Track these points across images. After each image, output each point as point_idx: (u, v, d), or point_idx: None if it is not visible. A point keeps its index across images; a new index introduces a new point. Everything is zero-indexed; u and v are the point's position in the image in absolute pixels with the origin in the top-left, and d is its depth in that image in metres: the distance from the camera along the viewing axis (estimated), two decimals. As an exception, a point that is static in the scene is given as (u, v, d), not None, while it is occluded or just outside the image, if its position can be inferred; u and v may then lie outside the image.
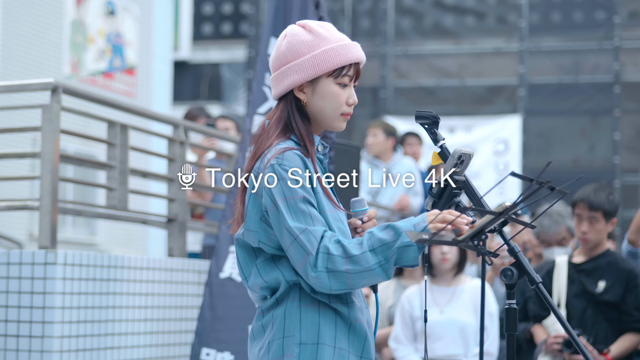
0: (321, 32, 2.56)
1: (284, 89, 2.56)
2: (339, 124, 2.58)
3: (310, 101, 2.56)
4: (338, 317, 2.48)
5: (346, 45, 2.56)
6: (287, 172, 2.44)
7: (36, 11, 12.98)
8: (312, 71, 2.53)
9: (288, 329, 2.46)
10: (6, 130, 6.07)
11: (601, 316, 4.65)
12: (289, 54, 2.56)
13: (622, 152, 13.53)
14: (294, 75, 2.54)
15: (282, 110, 2.57)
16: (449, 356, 4.90)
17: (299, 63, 2.54)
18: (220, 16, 19.60)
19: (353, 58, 2.55)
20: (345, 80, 2.55)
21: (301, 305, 2.47)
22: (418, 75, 14.74)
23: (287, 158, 2.45)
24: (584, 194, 4.70)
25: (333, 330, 2.47)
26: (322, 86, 2.54)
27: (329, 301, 2.47)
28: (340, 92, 2.55)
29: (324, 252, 2.40)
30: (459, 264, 5.07)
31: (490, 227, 2.55)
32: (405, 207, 7.97)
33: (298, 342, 2.45)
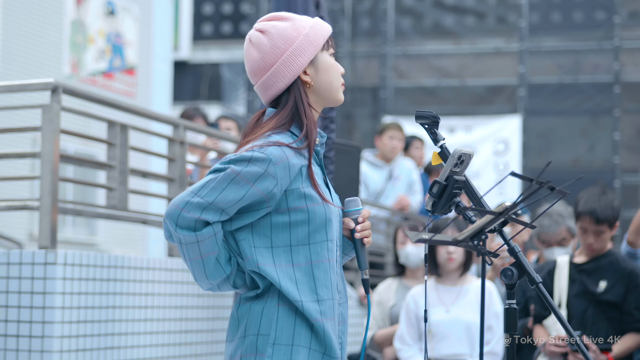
0: (292, 16, 2.59)
1: (291, 78, 2.51)
2: (341, 95, 2.60)
3: (316, 80, 2.55)
4: (313, 318, 2.46)
5: (317, 19, 2.61)
6: (259, 160, 2.40)
7: (36, 11, 12.98)
8: (313, 48, 2.53)
9: (263, 327, 2.44)
10: (6, 130, 6.06)
11: (602, 316, 4.65)
12: (278, 46, 2.52)
13: (622, 152, 13.54)
14: (297, 60, 2.52)
15: (291, 100, 2.52)
16: (454, 355, 4.90)
17: (297, 46, 2.52)
18: (220, 16, 19.60)
19: (330, 29, 2.61)
20: (332, 50, 2.60)
21: (279, 305, 2.45)
22: (418, 75, 14.74)
23: (270, 151, 2.42)
24: (589, 206, 4.61)
25: (309, 332, 2.45)
26: (321, 61, 2.55)
27: (302, 299, 2.44)
28: (335, 62, 2.59)
29: (179, 221, 2.39)
30: (465, 263, 5.07)
31: (490, 227, 2.55)
32: (405, 207, 7.98)
33: (272, 342, 2.43)
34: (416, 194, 8.16)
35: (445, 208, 2.64)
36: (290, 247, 2.46)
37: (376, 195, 8.07)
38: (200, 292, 5.37)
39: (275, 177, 2.41)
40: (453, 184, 2.62)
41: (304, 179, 2.47)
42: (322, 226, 2.48)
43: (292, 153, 2.44)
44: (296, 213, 2.45)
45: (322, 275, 2.47)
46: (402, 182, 8.15)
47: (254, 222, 2.45)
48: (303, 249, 2.46)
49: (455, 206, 2.63)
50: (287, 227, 2.45)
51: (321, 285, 2.47)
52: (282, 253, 2.45)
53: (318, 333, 2.45)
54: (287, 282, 2.44)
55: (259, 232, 2.46)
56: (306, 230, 2.46)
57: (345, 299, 2.59)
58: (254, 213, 2.44)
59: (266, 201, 2.42)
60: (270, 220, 2.45)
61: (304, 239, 2.46)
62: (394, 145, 8.05)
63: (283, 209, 2.45)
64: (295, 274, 2.45)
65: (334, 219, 2.51)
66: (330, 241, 2.50)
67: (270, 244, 2.46)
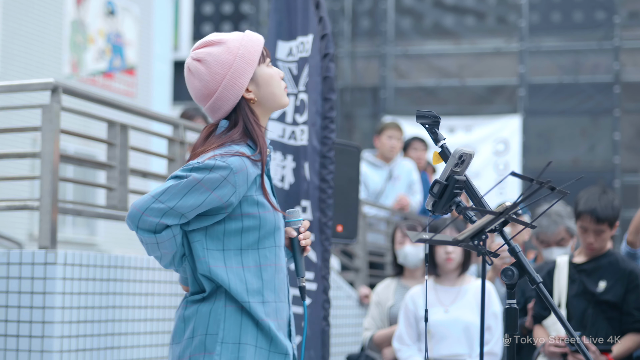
0: (225, 38, 2.67)
1: (235, 99, 2.64)
2: (286, 99, 2.73)
3: (259, 94, 2.68)
4: (259, 317, 2.56)
5: (248, 33, 2.72)
6: (220, 168, 2.52)
7: (36, 11, 12.98)
8: (250, 67, 2.65)
9: (211, 327, 2.55)
10: (6, 130, 6.06)
11: (601, 316, 4.65)
12: (218, 70, 2.63)
13: (622, 152, 13.53)
14: (238, 82, 2.63)
15: (240, 120, 2.65)
16: (453, 356, 4.90)
17: (235, 69, 2.64)
18: (220, 16, 19.60)
19: (262, 40, 2.72)
20: (268, 61, 2.71)
21: (227, 305, 2.56)
22: (418, 75, 14.74)
23: (231, 161, 2.54)
24: (589, 205, 4.61)
25: (255, 331, 2.56)
26: (260, 76, 2.68)
27: (249, 300, 2.56)
28: (273, 72, 2.71)
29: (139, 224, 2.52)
30: (463, 263, 5.07)
31: (491, 227, 2.55)
32: (405, 207, 7.98)
33: (220, 341, 2.54)
34: (416, 194, 8.17)
35: (445, 208, 2.64)
36: (241, 251, 2.59)
37: (376, 195, 8.07)
38: (200, 292, 5.37)
39: (234, 185, 2.54)
40: (454, 183, 2.62)
41: (257, 188, 2.60)
42: (271, 232, 2.61)
43: (250, 163, 2.58)
44: (248, 219, 2.58)
45: (269, 278, 2.60)
46: (402, 182, 8.15)
47: (208, 225, 2.58)
48: (252, 253, 2.59)
49: (456, 206, 2.63)
50: (239, 232, 2.59)
51: (267, 288, 2.59)
52: (232, 255, 2.58)
53: (264, 331, 2.57)
54: (237, 282, 2.56)
55: (212, 235, 2.59)
56: (256, 236, 2.59)
57: (289, 300, 2.71)
58: (211, 217, 2.57)
59: (224, 207, 2.56)
60: (224, 224, 2.58)
61: (254, 244, 2.59)
62: (392, 144, 8.05)
63: (237, 214, 2.58)
64: (245, 275, 2.57)
65: (280, 226, 2.65)
66: (278, 247, 2.64)
67: (222, 246, 2.58)
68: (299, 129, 4.90)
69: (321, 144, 4.85)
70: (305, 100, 4.87)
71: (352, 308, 7.23)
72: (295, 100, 4.94)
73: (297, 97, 4.94)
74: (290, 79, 4.96)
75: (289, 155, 4.91)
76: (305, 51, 4.91)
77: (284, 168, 4.91)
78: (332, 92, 4.89)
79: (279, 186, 4.89)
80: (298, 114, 4.93)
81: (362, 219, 7.57)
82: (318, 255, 4.81)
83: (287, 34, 5.00)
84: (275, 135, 4.95)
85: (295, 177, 4.88)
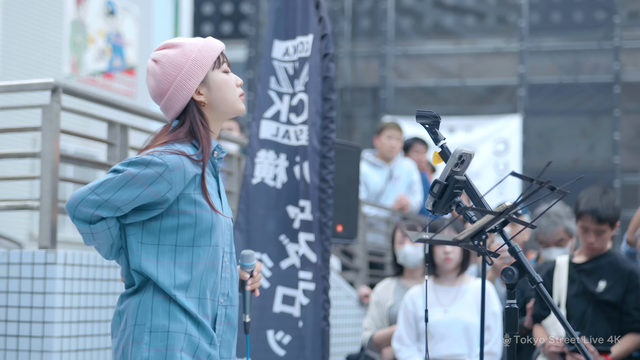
0: (183, 42, 2.77)
1: (184, 100, 2.72)
2: (241, 106, 2.81)
3: (210, 98, 2.75)
4: (186, 308, 2.63)
5: (207, 40, 2.79)
6: (156, 165, 2.59)
7: (36, 11, 12.98)
8: (201, 71, 2.73)
9: (140, 318, 2.63)
10: (6, 130, 6.06)
11: (601, 316, 4.65)
12: (170, 72, 2.73)
13: (622, 152, 13.53)
14: (188, 84, 2.72)
15: (187, 120, 2.73)
16: (453, 356, 4.90)
17: (186, 72, 2.72)
18: (220, 16, 19.60)
19: (219, 47, 2.80)
20: (225, 67, 2.80)
21: (154, 297, 2.63)
22: (418, 75, 14.74)
23: (168, 158, 2.61)
24: (590, 205, 4.62)
25: (184, 318, 2.63)
26: (213, 80, 2.76)
27: (175, 295, 2.62)
28: (228, 78, 2.79)
29: (75, 214, 2.61)
30: (462, 263, 5.07)
31: (491, 227, 2.55)
32: (405, 207, 7.98)
33: (149, 330, 2.61)
34: (416, 194, 8.17)
35: (445, 208, 2.64)
36: (175, 247, 2.65)
37: (376, 196, 8.07)
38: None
39: (170, 182, 2.60)
40: (454, 183, 2.62)
41: (196, 187, 2.67)
42: (207, 231, 2.67)
43: (190, 162, 2.65)
44: (184, 216, 2.65)
45: (198, 275, 2.66)
46: (402, 182, 8.15)
47: (145, 220, 2.66)
48: (187, 250, 2.65)
49: (456, 206, 2.63)
50: (175, 228, 2.65)
51: (194, 285, 2.65)
52: (166, 251, 2.65)
53: (193, 319, 2.64)
54: (165, 276, 2.63)
55: (148, 230, 2.66)
56: (192, 234, 2.65)
57: (235, 302, 2.78)
58: (147, 212, 2.64)
59: (160, 203, 2.62)
60: (161, 220, 2.65)
61: (189, 241, 2.65)
62: (392, 144, 8.05)
63: (173, 211, 2.65)
64: (175, 271, 2.64)
65: (219, 227, 2.70)
66: (213, 247, 2.69)
67: (157, 241, 2.66)
68: (296, 128, 4.90)
69: (321, 144, 4.85)
70: (305, 100, 4.87)
71: (352, 308, 7.23)
72: (290, 100, 4.95)
73: (292, 97, 4.94)
74: (285, 78, 4.96)
75: (282, 154, 4.92)
76: (305, 51, 4.91)
77: (276, 167, 4.91)
78: (332, 92, 4.88)
79: (271, 185, 4.89)
80: (294, 114, 4.93)
81: (362, 219, 7.57)
82: (318, 255, 4.81)
83: (284, 34, 5.00)
84: (269, 134, 4.95)
85: (288, 176, 4.89)
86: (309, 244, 4.82)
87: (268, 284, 4.85)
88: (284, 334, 4.80)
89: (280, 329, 4.80)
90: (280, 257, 4.85)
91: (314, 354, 4.73)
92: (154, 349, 2.60)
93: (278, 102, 4.98)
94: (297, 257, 4.82)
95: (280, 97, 4.98)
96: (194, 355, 2.62)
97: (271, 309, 4.81)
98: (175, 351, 2.60)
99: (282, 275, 4.85)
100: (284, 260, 4.85)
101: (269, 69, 5.00)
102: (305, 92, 4.88)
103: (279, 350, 4.79)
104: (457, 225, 5.26)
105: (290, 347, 4.78)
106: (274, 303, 4.82)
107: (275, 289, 4.83)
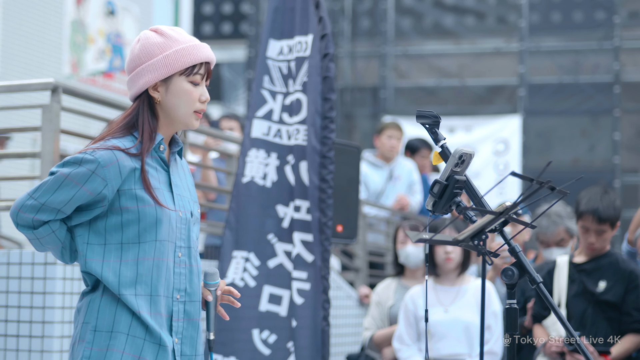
0: (172, 34, 2.71)
1: (139, 89, 2.69)
2: (192, 122, 2.73)
3: (164, 99, 2.69)
4: (134, 309, 2.60)
5: (196, 46, 2.72)
6: (88, 162, 2.58)
7: (36, 11, 12.98)
8: (165, 70, 2.67)
9: (88, 316, 2.63)
10: (6, 130, 6.06)
11: (601, 315, 4.65)
12: (142, 55, 2.70)
13: (622, 152, 13.53)
14: (148, 75, 2.67)
15: (134, 109, 2.70)
16: (453, 355, 4.90)
17: (152, 63, 2.67)
18: (220, 16, 19.59)
19: (203, 57, 2.71)
20: (197, 78, 2.70)
21: (103, 296, 2.62)
22: (418, 75, 14.73)
23: (100, 154, 2.58)
24: (591, 205, 4.62)
25: (129, 319, 2.60)
26: (175, 84, 2.68)
27: (120, 292, 2.60)
28: (192, 89, 2.70)
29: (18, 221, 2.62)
30: (462, 263, 5.07)
31: (491, 227, 2.55)
32: (405, 207, 7.98)
33: (93, 329, 2.61)
34: (416, 194, 8.17)
35: (446, 208, 2.64)
36: (122, 245, 2.63)
37: (377, 196, 8.07)
38: (200, 292, 5.37)
39: (104, 179, 2.58)
40: (454, 183, 2.62)
41: (136, 181, 2.63)
42: (151, 226, 2.63)
43: (125, 156, 2.61)
44: (127, 213, 2.61)
45: (145, 272, 2.62)
46: (403, 183, 8.15)
47: (91, 220, 2.64)
48: (133, 247, 2.62)
49: (456, 206, 2.63)
50: (119, 226, 2.62)
51: (141, 282, 2.62)
52: (113, 250, 2.63)
53: (139, 321, 2.61)
54: (110, 275, 2.60)
55: (95, 230, 2.64)
56: (136, 230, 2.62)
57: (195, 297, 2.73)
58: (89, 212, 2.63)
59: (99, 201, 2.61)
60: (106, 219, 2.63)
61: (135, 238, 2.62)
62: (392, 144, 8.05)
63: (116, 208, 2.62)
64: (120, 269, 2.61)
65: (165, 221, 2.65)
66: (160, 241, 2.64)
67: (104, 241, 2.64)
68: (290, 128, 4.90)
69: (321, 143, 4.85)
70: (302, 100, 4.87)
71: (352, 308, 7.23)
72: (284, 100, 4.95)
73: (286, 97, 4.94)
74: (279, 77, 4.97)
75: (273, 153, 4.92)
76: (303, 51, 4.91)
77: (266, 166, 4.92)
78: (332, 92, 4.89)
79: (260, 184, 4.90)
80: (286, 113, 4.93)
81: (362, 219, 7.57)
82: (318, 255, 4.81)
83: (280, 33, 5.00)
84: (260, 133, 4.96)
85: (278, 175, 4.89)
86: (305, 244, 4.82)
87: (254, 283, 4.85)
88: (270, 333, 4.79)
89: (265, 328, 4.79)
90: (268, 256, 4.86)
91: (313, 354, 4.73)
92: (96, 347, 2.59)
93: (271, 101, 4.98)
94: (286, 256, 4.83)
95: (274, 96, 4.98)
96: (139, 356, 2.59)
97: (257, 307, 4.81)
98: (116, 351, 2.58)
99: (270, 274, 4.85)
100: (272, 260, 4.86)
101: (263, 68, 5.00)
102: (303, 92, 4.88)
103: (264, 349, 4.79)
104: (458, 225, 5.26)
105: (275, 346, 4.78)
106: (260, 302, 4.82)
107: (262, 288, 4.83)
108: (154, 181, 2.66)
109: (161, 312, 2.65)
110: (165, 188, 2.69)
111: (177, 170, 2.78)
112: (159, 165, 2.71)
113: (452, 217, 5.31)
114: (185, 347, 2.70)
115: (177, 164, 2.80)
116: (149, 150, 2.66)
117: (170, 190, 2.71)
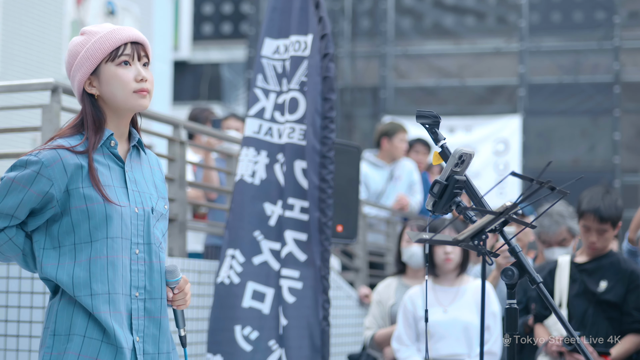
0: (93, 30, 2.72)
1: (77, 90, 2.71)
2: (137, 102, 2.68)
3: (101, 91, 2.68)
4: (89, 309, 2.58)
5: (114, 30, 2.70)
6: (32, 164, 2.56)
7: (36, 11, 12.98)
8: (89, 62, 2.66)
9: (48, 321, 2.62)
10: (6, 130, 6.06)
11: (602, 315, 4.65)
12: (70, 59, 2.71)
13: (622, 152, 13.53)
14: (78, 74, 2.68)
15: (82, 109, 2.71)
16: (452, 356, 4.90)
17: (78, 62, 2.67)
18: (220, 16, 19.59)
19: (124, 38, 2.67)
20: (123, 59, 2.66)
21: (61, 299, 2.61)
22: (418, 75, 14.73)
23: (43, 154, 2.57)
24: (593, 205, 4.63)
25: (85, 321, 2.58)
26: (104, 73, 2.67)
27: (75, 294, 2.58)
28: (123, 72, 2.66)
29: None
30: (462, 264, 5.08)
31: (491, 227, 2.55)
32: (405, 207, 7.98)
33: (52, 334, 2.60)
34: (416, 194, 8.17)
35: (446, 208, 2.64)
36: (75, 246, 2.60)
37: (377, 196, 8.07)
38: (199, 292, 5.37)
39: (49, 178, 2.57)
40: (454, 183, 2.62)
41: (84, 179, 2.60)
42: (101, 224, 2.60)
43: (70, 154, 2.60)
44: (77, 212, 2.59)
45: (98, 271, 2.59)
46: (403, 183, 8.15)
47: (47, 224, 2.62)
48: (86, 247, 2.60)
49: (456, 206, 2.63)
50: (71, 227, 2.60)
51: (96, 280, 2.59)
52: (67, 252, 2.61)
53: (96, 322, 2.58)
54: (65, 278, 2.58)
55: (50, 234, 2.62)
56: (87, 228, 2.60)
57: (156, 295, 2.70)
58: (41, 215, 2.61)
59: (49, 202, 2.59)
60: (60, 222, 2.61)
61: (86, 237, 2.60)
62: (404, 148, 8.13)
63: (67, 209, 2.60)
64: (74, 271, 2.59)
65: (117, 218, 2.62)
66: (112, 239, 2.61)
67: (58, 244, 2.62)
68: (283, 126, 4.90)
69: (321, 143, 4.85)
70: (299, 99, 4.88)
71: (352, 308, 7.23)
72: (277, 98, 4.95)
73: (279, 95, 4.95)
74: (273, 76, 4.97)
75: (263, 151, 4.92)
76: (302, 50, 4.92)
77: (256, 164, 4.92)
78: (332, 92, 4.89)
79: (249, 182, 4.90)
80: (279, 112, 4.93)
81: (362, 219, 7.57)
82: (318, 255, 4.81)
83: (277, 32, 5.01)
84: (250, 131, 4.97)
85: (267, 173, 4.90)
86: (299, 243, 4.82)
87: (238, 279, 4.86)
88: (252, 330, 4.79)
89: (248, 325, 4.79)
90: (253, 253, 4.86)
91: (311, 354, 4.73)
92: (55, 352, 2.58)
93: (263, 100, 4.99)
94: (271, 254, 4.84)
95: (266, 94, 4.99)
96: (95, 358, 2.57)
97: (240, 304, 4.82)
98: (72, 354, 2.56)
99: (254, 271, 4.86)
100: (257, 257, 4.86)
101: (258, 68, 5.02)
102: (300, 91, 4.88)
103: (246, 345, 4.79)
104: (457, 225, 5.26)
105: (257, 343, 4.78)
106: (243, 298, 4.83)
107: (246, 284, 4.84)
108: (104, 178, 2.63)
109: (121, 310, 2.62)
110: (118, 184, 2.66)
111: (138, 166, 2.76)
112: (111, 161, 2.68)
113: (452, 217, 5.31)
114: (148, 345, 2.67)
115: (141, 159, 2.78)
116: (95, 147, 2.64)
117: (124, 187, 2.68)
